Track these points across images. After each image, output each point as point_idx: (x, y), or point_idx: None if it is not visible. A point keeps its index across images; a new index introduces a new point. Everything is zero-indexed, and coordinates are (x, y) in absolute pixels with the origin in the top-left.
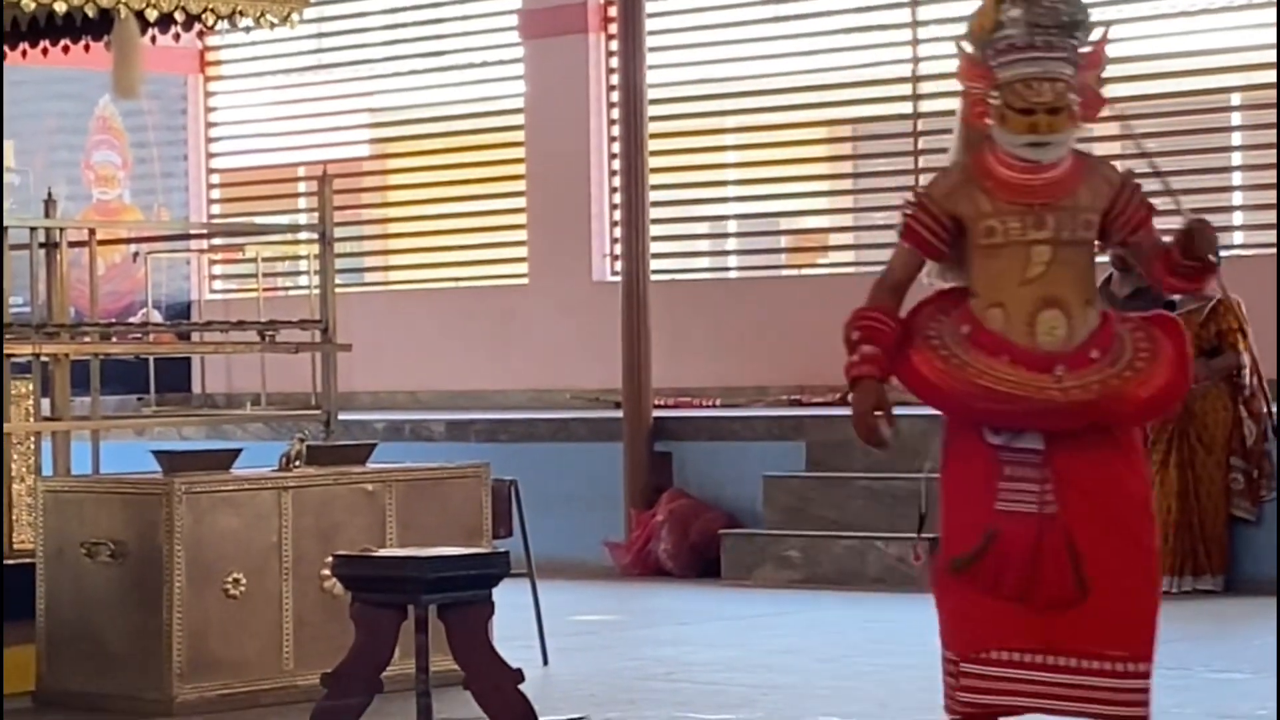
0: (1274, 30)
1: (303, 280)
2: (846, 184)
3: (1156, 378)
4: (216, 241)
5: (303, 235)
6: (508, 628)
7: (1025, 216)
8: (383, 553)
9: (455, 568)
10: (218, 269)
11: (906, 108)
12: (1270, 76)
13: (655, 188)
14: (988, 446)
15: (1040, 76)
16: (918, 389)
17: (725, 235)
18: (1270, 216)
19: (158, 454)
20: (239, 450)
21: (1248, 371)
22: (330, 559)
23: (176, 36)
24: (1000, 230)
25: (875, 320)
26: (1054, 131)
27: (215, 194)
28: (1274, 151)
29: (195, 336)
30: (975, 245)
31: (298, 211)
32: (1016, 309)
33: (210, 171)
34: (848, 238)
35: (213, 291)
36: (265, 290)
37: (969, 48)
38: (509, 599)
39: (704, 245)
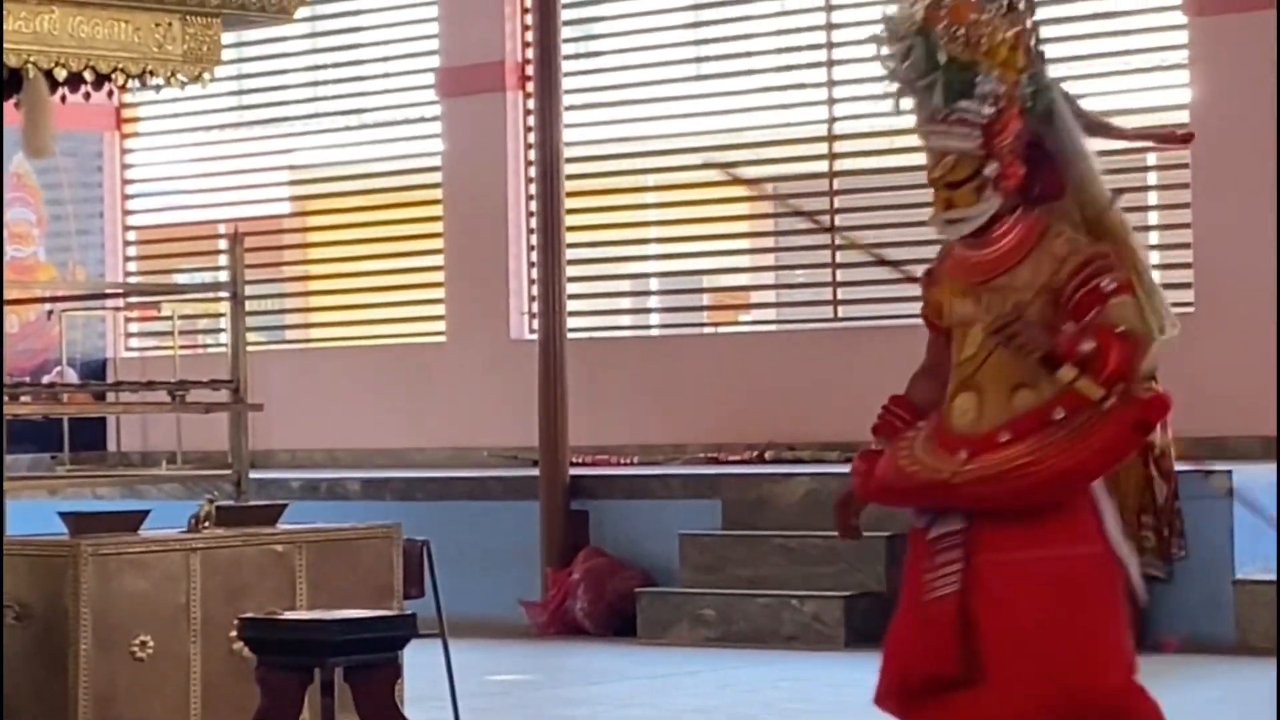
0: (1187, 92)
1: (222, 338)
2: (768, 242)
3: (1066, 459)
4: (132, 299)
5: (218, 294)
6: (421, 688)
7: (968, 296)
8: (288, 615)
9: (361, 630)
10: (134, 326)
11: (823, 166)
12: None
13: (573, 245)
14: (921, 534)
15: (929, 149)
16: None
17: (646, 293)
18: (1186, 276)
19: (64, 515)
20: (147, 511)
21: (1157, 430)
22: (236, 621)
23: (87, 95)
24: (948, 311)
25: (891, 412)
26: (955, 207)
27: (132, 251)
28: (1189, 212)
29: (110, 395)
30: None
31: (217, 269)
32: (950, 392)
33: (127, 229)
34: (769, 295)
35: (128, 349)
36: (184, 348)
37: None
38: (422, 659)
39: (624, 303)
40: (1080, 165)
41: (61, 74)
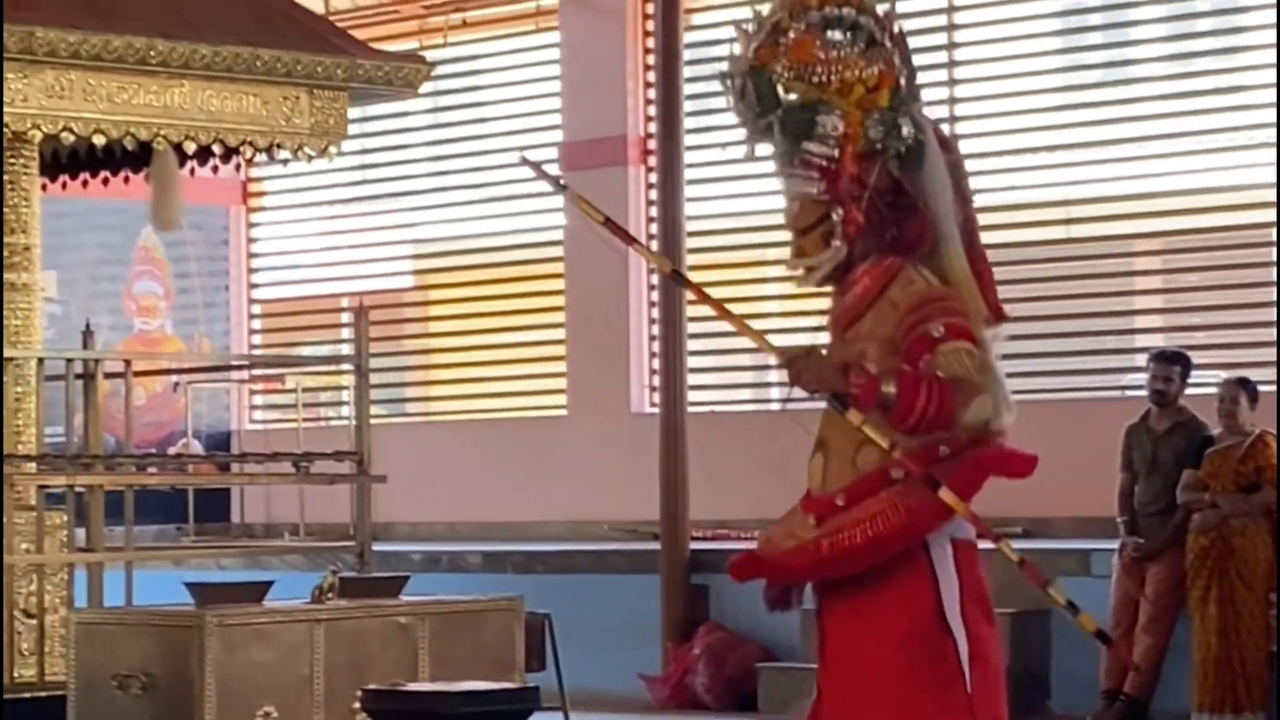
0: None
1: (345, 410)
2: None
3: (877, 526)
4: (256, 372)
5: (341, 367)
6: None
7: (830, 348)
8: (412, 687)
9: (484, 703)
10: (258, 399)
11: None
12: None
13: (694, 319)
14: None
15: (784, 193)
16: None
17: (767, 367)
18: None
19: (190, 586)
20: (271, 582)
21: None
22: (360, 693)
23: (215, 168)
24: None
25: None
26: (803, 255)
27: (256, 324)
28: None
29: (235, 466)
30: None
31: (340, 342)
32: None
33: (252, 302)
34: None
35: (253, 421)
36: (306, 420)
37: None
38: None
39: (745, 376)
40: (940, 225)
41: (191, 147)
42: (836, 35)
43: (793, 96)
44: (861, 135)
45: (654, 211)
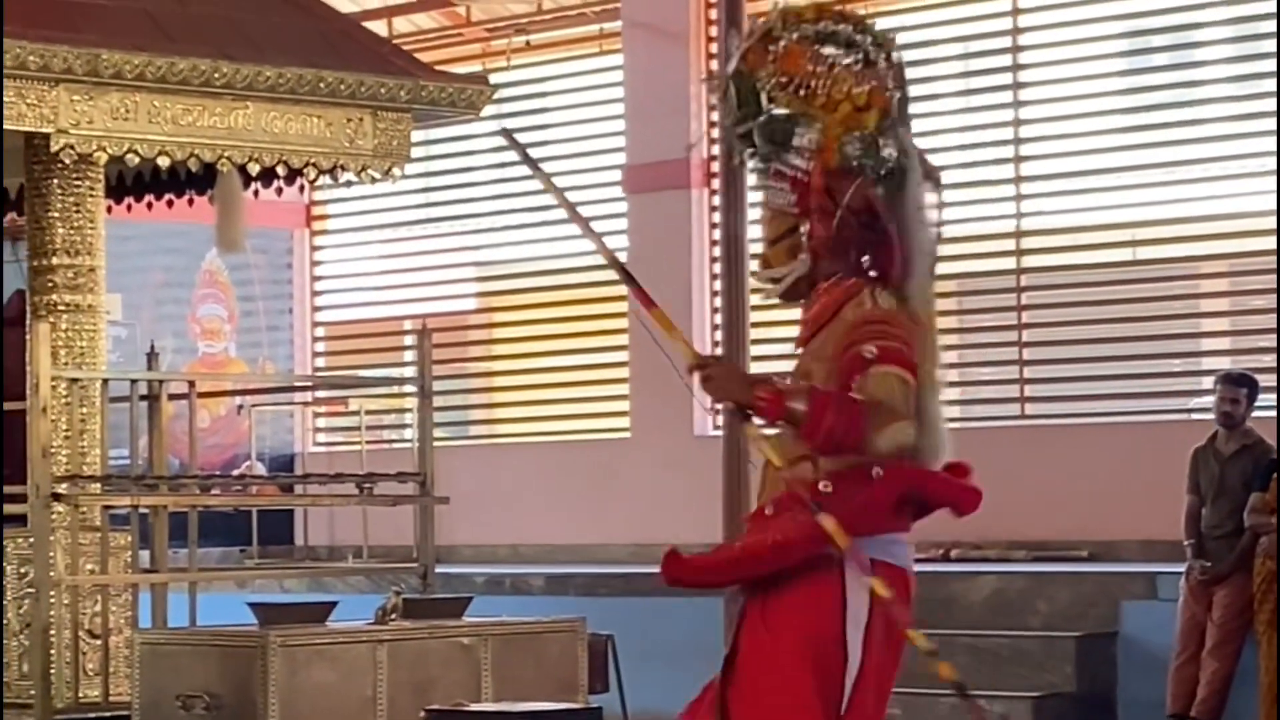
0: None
1: (408, 433)
2: (952, 339)
3: (773, 534)
4: (319, 394)
5: (405, 389)
6: None
7: (796, 362)
8: (475, 707)
9: None
10: (321, 421)
11: (1011, 263)
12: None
13: (756, 342)
14: None
15: (760, 203)
16: None
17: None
18: None
19: (253, 606)
20: (334, 603)
21: None
22: (423, 713)
23: (279, 190)
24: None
25: None
26: (769, 266)
27: (320, 347)
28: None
29: (297, 488)
30: None
31: (403, 365)
32: None
33: (315, 325)
34: (954, 392)
35: (316, 444)
36: (370, 443)
37: None
38: None
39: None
40: (912, 257)
41: (255, 169)
42: (830, 50)
43: (777, 107)
44: (837, 151)
45: (717, 235)
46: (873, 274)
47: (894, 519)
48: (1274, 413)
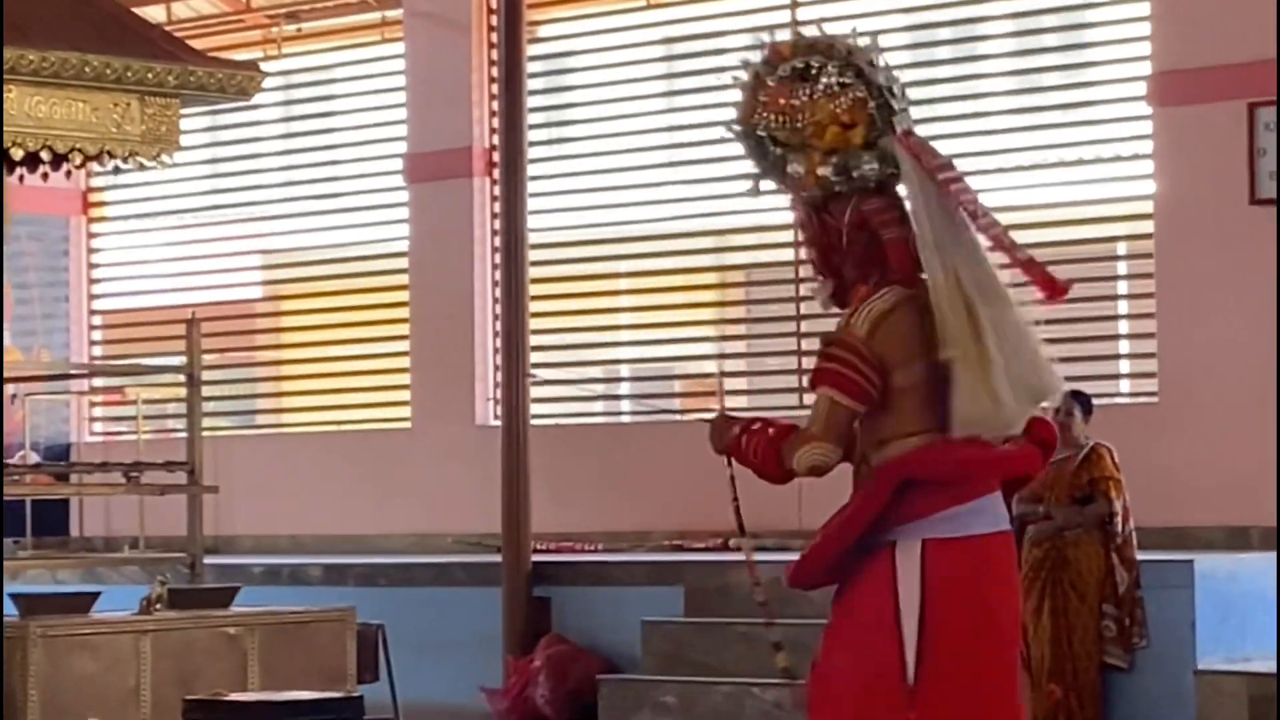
0: (1152, 183)
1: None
2: (739, 329)
3: (828, 528)
4: (96, 383)
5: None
6: None
7: None
8: (234, 697)
9: (307, 712)
10: (99, 411)
11: (790, 254)
12: (1149, 227)
13: (538, 332)
14: None
15: None
16: None
17: (615, 379)
18: (1151, 365)
19: (14, 597)
20: (98, 593)
21: (1120, 519)
22: (183, 703)
23: (45, 175)
24: None
25: None
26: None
27: (97, 335)
28: (1153, 302)
29: (74, 478)
30: None
31: (184, 353)
32: None
33: (92, 313)
34: (741, 382)
35: (93, 434)
36: (153, 434)
37: None
38: None
39: (594, 389)
40: (920, 251)
41: (18, 154)
42: (808, 79)
43: (780, 146)
44: (815, 180)
45: (498, 224)
46: (889, 274)
47: (928, 499)
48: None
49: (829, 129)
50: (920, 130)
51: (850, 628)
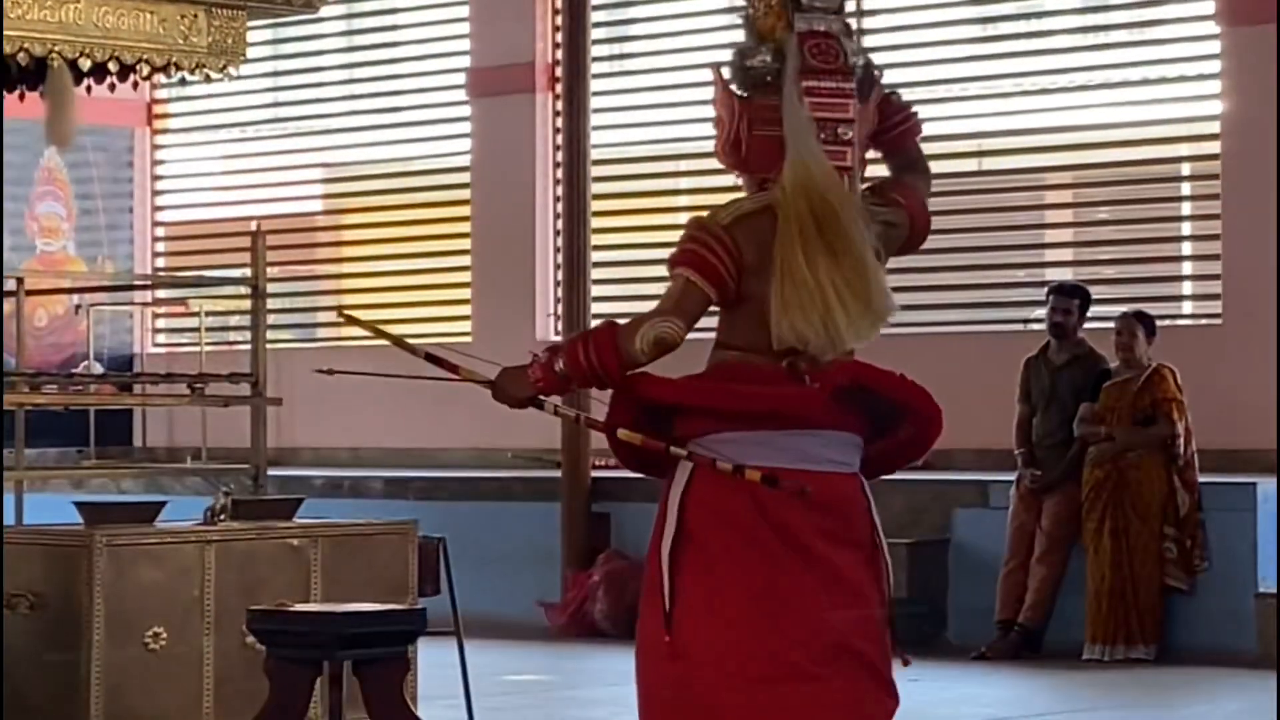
0: (1219, 103)
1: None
2: None
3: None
4: (159, 294)
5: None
6: (436, 686)
7: None
8: (298, 608)
9: (369, 624)
10: (161, 323)
11: None
12: (1215, 148)
13: (601, 248)
14: None
15: None
16: None
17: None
18: (1215, 287)
19: (80, 506)
20: (163, 503)
21: (1181, 441)
22: (247, 613)
23: (112, 86)
24: None
25: None
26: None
27: (161, 247)
28: (1219, 223)
29: (137, 389)
30: None
31: (246, 266)
32: None
33: (155, 224)
34: None
35: (156, 345)
36: (213, 345)
37: None
38: (438, 658)
39: (652, 302)
40: (785, 145)
41: (86, 64)
42: None
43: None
44: (726, 68)
45: (560, 140)
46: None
47: (698, 421)
48: (1105, 324)
49: (767, 18)
50: (982, 49)
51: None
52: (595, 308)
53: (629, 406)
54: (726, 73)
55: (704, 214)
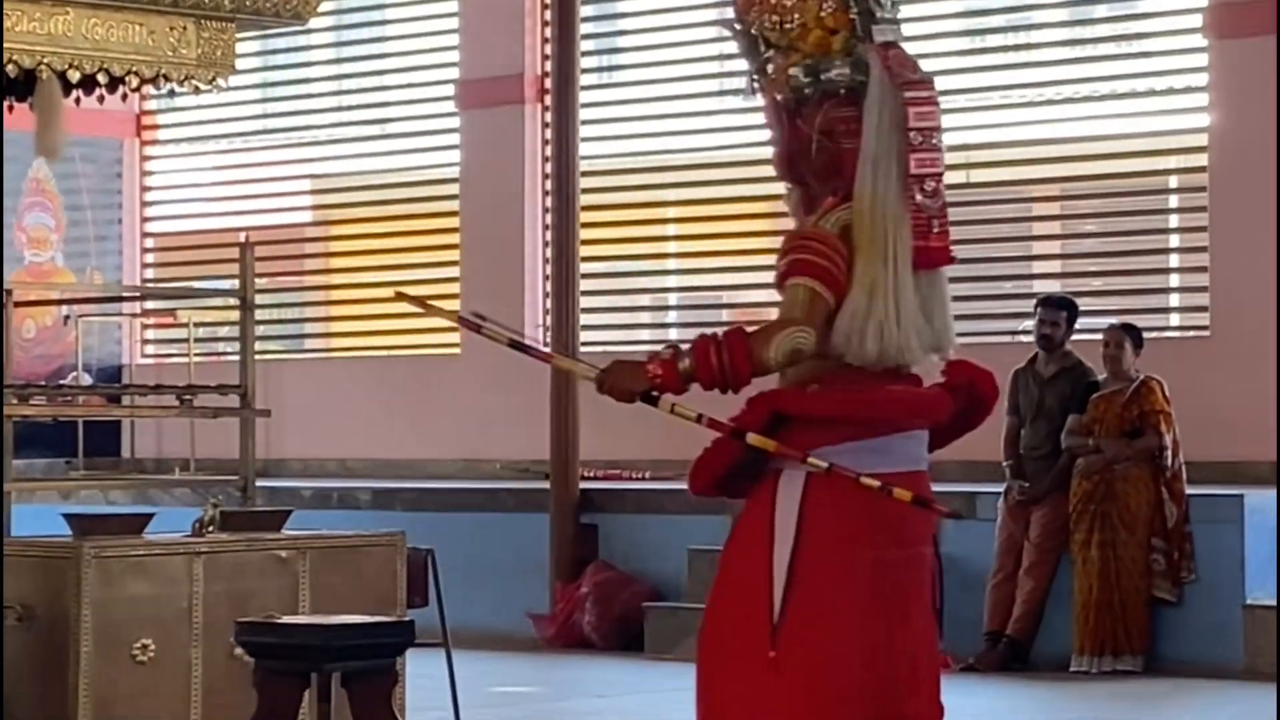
0: (1207, 116)
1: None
2: None
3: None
4: (148, 305)
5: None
6: (424, 698)
7: None
8: (285, 619)
9: (358, 636)
10: (150, 334)
11: None
12: (1203, 160)
13: (588, 259)
14: None
15: None
16: None
17: (664, 307)
18: (1203, 299)
19: (68, 517)
20: (151, 514)
21: (1169, 453)
22: (235, 625)
23: (101, 98)
24: None
25: None
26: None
27: (150, 258)
28: (1206, 235)
29: (125, 400)
30: None
31: (234, 277)
32: None
33: (144, 235)
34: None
35: (144, 356)
36: (204, 357)
37: None
38: (426, 669)
39: (642, 317)
40: (861, 162)
41: (75, 76)
42: None
43: (770, 47)
44: (785, 82)
45: (549, 151)
46: (845, 192)
47: (812, 434)
48: (1093, 335)
49: (813, 32)
50: (970, 61)
51: (732, 554)
52: (584, 318)
53: (761, 415)
54: (779, 85)
55: (809, 224)
